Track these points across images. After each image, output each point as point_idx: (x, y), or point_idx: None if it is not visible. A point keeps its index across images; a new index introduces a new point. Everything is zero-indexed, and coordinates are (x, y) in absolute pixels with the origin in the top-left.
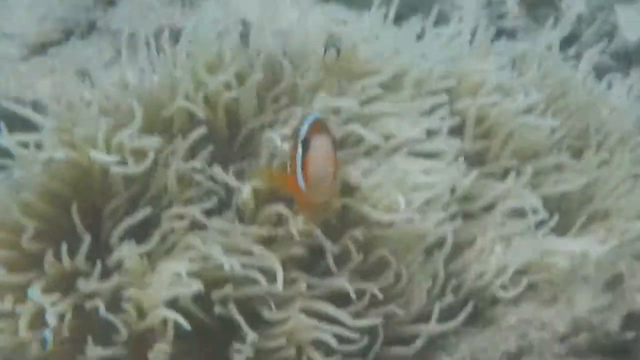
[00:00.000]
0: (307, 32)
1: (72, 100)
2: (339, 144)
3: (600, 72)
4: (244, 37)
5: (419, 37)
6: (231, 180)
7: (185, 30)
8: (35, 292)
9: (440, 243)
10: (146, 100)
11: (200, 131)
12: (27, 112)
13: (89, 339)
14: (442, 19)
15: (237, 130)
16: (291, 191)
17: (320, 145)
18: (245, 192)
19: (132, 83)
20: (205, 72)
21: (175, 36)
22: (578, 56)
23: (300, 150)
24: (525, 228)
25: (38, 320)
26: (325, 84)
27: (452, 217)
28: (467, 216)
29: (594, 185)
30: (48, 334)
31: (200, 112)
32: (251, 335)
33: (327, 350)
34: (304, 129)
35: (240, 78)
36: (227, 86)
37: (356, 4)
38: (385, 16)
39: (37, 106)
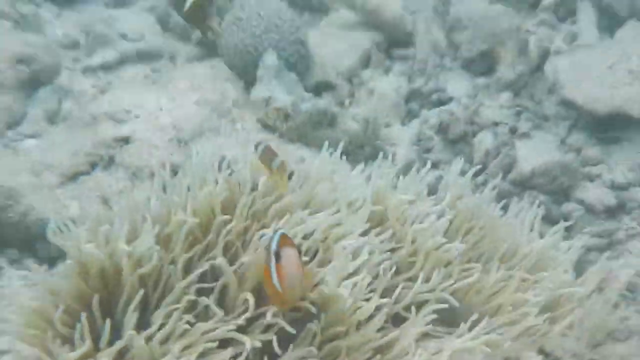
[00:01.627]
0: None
1: (99, 216)
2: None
3: (501, 195)
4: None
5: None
6: (226, 268)
7: (182, 164)
8: None
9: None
10: (153, 219)
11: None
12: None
13: None
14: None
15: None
16: (270, 291)
17: (289, 256)
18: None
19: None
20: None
21: (174, 169)
22: (485, 183)
23: (273, 260)
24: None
25: None
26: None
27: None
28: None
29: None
30: None
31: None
32: None
33: None
34: (274, 243)
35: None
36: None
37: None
38: (334, 155)
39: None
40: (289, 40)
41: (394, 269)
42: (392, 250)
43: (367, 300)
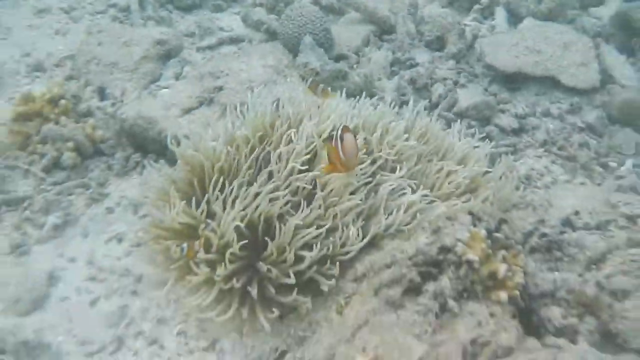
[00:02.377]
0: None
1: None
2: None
3: (448, 121)
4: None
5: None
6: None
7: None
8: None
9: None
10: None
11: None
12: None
13: None
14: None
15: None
16: (337, 161)
17: (349, 138)
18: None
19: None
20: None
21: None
22: (438, 115)
23: (339, 141)
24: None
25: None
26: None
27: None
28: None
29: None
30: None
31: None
32: None
33: None
34: (338, 131)
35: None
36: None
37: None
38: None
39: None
40: (320, 29)
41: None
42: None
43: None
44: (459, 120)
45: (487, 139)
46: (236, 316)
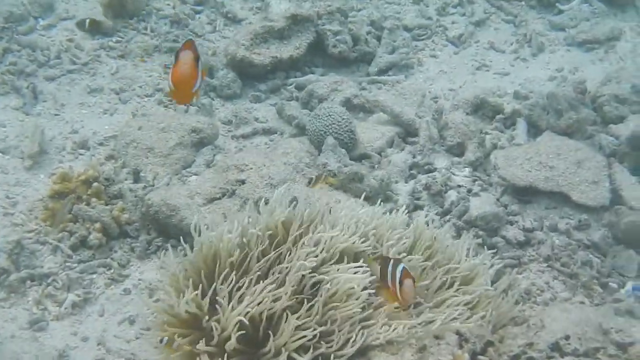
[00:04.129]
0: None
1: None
2: None
3: (458, 229)
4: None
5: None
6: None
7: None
8: None
9: None
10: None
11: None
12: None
13: None
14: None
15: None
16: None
17: (409, 286)
18: None
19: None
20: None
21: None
22: (449, 221)
23: (398, 285)
24: None
25: None
26: None
27: None
28: None
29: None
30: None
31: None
32: None
33: None
34: (399, 274)
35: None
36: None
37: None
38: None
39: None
40: (345, 130)
41: None
42: None
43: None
44: (465, 232)
45: (494, 250)
46: None
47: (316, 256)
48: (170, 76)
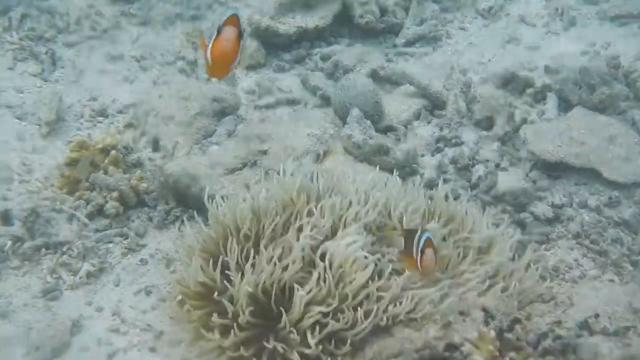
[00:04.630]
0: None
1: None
2: None
3: (484, 203)
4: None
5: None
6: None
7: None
8: None
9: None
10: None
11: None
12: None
13: None
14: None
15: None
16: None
17: (430, 255)
18: None
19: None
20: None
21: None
22: (476, 197)
23: (419, 255)
24: None
25: None
26: None
27: None
28: None
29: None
30: None
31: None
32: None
33: None
34: (422, 243)
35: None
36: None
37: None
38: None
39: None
40: (370, 101)
41: None
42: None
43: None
44: (492, 207)
45: (519, 226)
46: None
47: (323, 226)
48: (210, 50)
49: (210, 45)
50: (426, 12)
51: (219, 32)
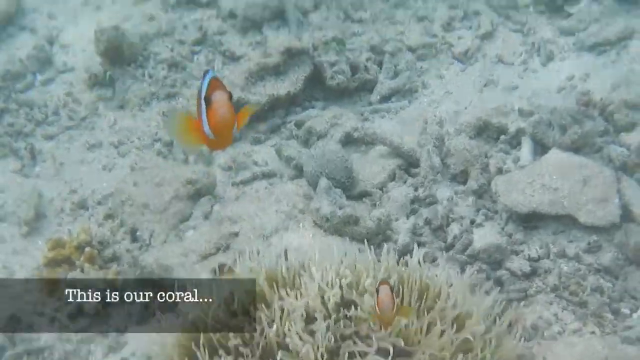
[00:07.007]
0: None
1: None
2: None
3: (461, 263)
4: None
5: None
6: None
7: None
8: None
9: None
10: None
11: None
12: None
13: None
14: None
15: None
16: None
17: (384, 292)
18: None
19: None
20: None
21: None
22: (452, 256)
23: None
24: None
25: None
26: None
27: None
28: None
29: None
30: None
31: None
32: None
33: None
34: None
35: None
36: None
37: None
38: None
39: None
40: (340, 168)
41: None
42: None
43: None
44: (468, 266)
45: (496, 285)
46: None
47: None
48: (208, 124)
49: (205, 118)
50: (401, 63)
51: (207, 102)
